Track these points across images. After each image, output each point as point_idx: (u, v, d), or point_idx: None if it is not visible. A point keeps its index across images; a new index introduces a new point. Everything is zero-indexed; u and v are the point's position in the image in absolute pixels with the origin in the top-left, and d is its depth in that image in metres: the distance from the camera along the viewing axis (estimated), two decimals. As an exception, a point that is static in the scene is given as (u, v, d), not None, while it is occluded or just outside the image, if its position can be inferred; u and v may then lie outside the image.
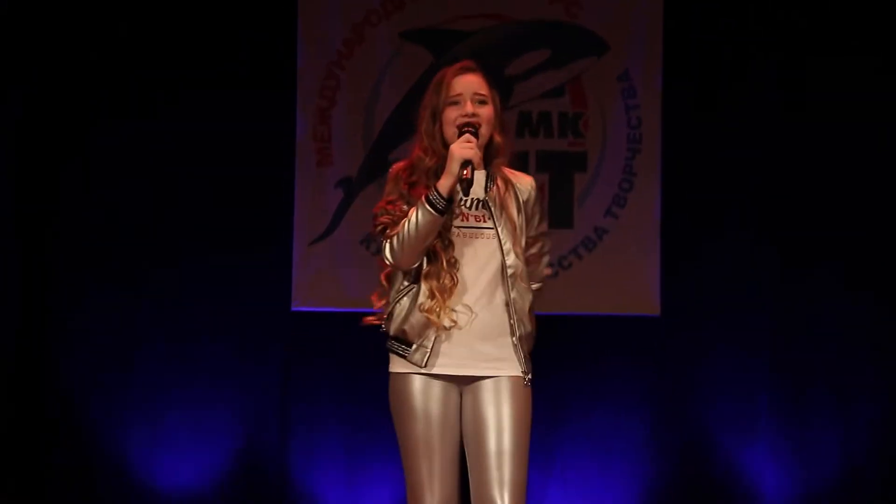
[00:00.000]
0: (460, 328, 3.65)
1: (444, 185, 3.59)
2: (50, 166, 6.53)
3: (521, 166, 3.93)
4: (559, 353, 6.11)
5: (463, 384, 3.69)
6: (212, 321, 6.50)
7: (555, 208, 6.33)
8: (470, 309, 3.66)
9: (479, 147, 3.67)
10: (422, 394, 3.67)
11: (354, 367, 6.46)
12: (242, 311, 6.51)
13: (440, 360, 3.66)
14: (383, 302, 3.78)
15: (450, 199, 3.59)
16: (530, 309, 3.73)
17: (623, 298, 6.47)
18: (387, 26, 6.57)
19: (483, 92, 3.75)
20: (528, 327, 3.72)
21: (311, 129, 6.56)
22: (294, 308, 6.52)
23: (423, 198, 3.61)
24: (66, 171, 6.55)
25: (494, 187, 3.73)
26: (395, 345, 3.73)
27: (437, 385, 3.67)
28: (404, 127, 6.49)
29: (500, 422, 3.63)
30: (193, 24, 6.53)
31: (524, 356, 3.69)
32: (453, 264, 3.66)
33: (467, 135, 3.64)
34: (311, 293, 6.52)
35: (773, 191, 6.50)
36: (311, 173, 6.55)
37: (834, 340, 6.45)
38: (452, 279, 3.64)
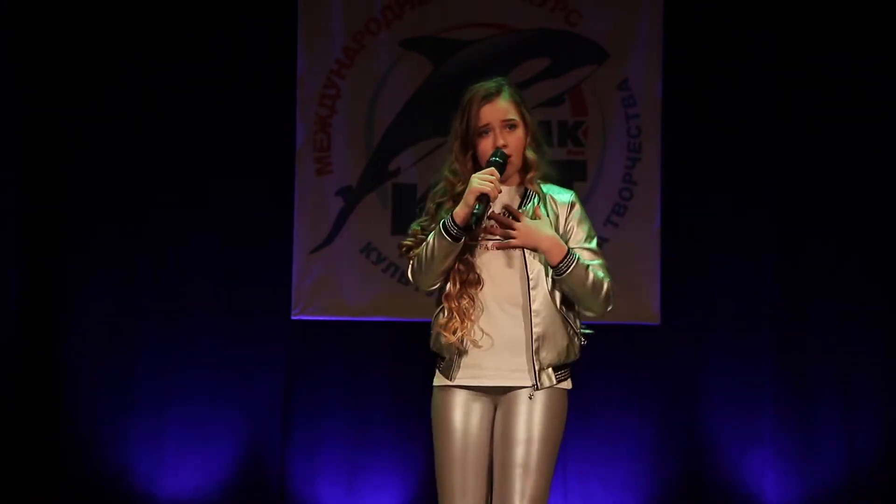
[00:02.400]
0: (480, 347, 3.68)
1: (459, 213, 3.61)
2: (53, 169, 6.54)
3: (562, 179, 3.92)
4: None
5: (498, 396, 3.71)
6: (213, 329, 6.51)
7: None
8: (490, 329, 3.67)
9: (509, 174, 3.71)
10: (458, 407, 3.70)
11: (355, 375, 6.47)
12: (243, 320, 6.51)
13: (468, 372, 3.69)
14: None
15: (465, 227, 3.61)
16: (567, 330, 3.74)
17: (623, 307, 6.41)
18: (387, 35, 6.57)
19: (511, 116, 3.73)
20: (560, 339, 3.72)
21: (311, 138, 6.56)
22: (294, 316, 6.53)
23: (440, 223, 3.64)
24: (68, 174, 6.56)
25: (528, 201, 3.74)
26: (437, 360, 3.77)
27: (474, 398, 3.70)
28: (405, 135, 6.53)
29: (530, 434, 3.64)
30: (193, 31, 6.53)
31: (540, 370, 3.69)
32: (475, 282, 3.69)
33: (492, 168, 3.64)
34: (312, 302, 6.53)
35: (774, 199, 6.50)
36: (311, 182, 6.56)
37: (836, 348, 6.45)
38: (470, 299, 3.67)
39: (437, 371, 3.77)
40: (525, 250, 3.69)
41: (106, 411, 6.49)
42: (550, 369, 3.71)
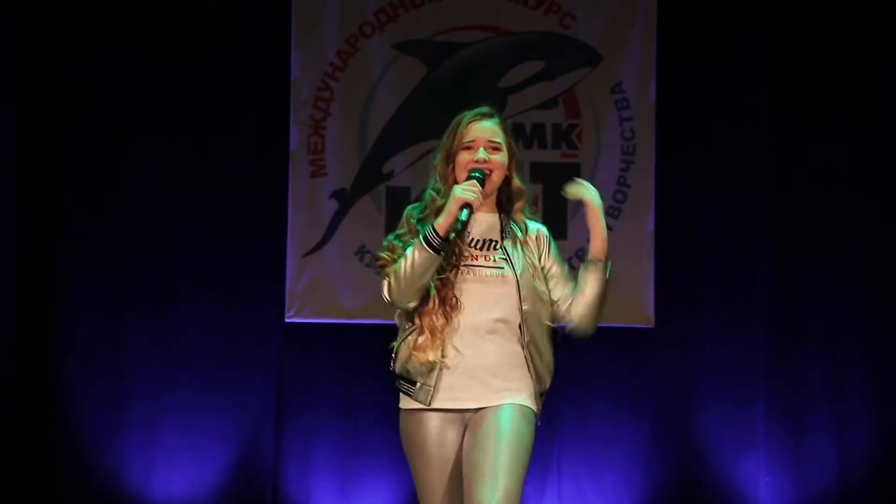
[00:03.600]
0: (448, 367, 3.65)
1: (441, 224, 3.61)
2: (46, 181, 6.54)
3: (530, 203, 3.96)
4: (553, 363, 6.10)
5: (466, 416, 3.69)
6: (206, 332, 6.50)
7: (548, 220, 6.31)
8: (465, 349, 3.65)
9: (487, 193, 3.72)
10: (431, 430, 3.68)
11: (348, 377, 6.46)
12: (236, 322, 6.51)
13: (446, 395, 3.66)
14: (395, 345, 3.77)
15: (446, 239, 3.60)
16: (549, 350, 3.76)
17: (617, 310, 6.43)
18: (381, 38, 6.57)
19: (497, 140, 3.78)
20: (545, 367, 3.74)
21: (305, 141, 6.56)
22: (288, 319, 6.52)
23: (420, 236, 3.62)
24: (62, 186, 6.55)
25: (510, 229, 3.76)
26: (402, 383, 3.73)
27: (446, 419, 3.68)
28: (399, 138, 6.53)
29: (499, 435, 3.60)
30: (187, 34, 6.52)
31: (534, 392, 3.70)
32: (453, 305, 3.67)
33: (473, 179, 3.67)
34: (305, 304, 6.52)
35: (767, 201, 6.51)
36: (305, 184, 6.55)
37: (829, 353, 6.46)
38: (446, 319, 3.65)
39: (402, 395, 3.72)
40: (518, 278, 3.68)
41: (98, 416, 6.47)
42: (538, 396, 3.74)
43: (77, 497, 6.42)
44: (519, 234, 3.78)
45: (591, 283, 3.74)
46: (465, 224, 3.60)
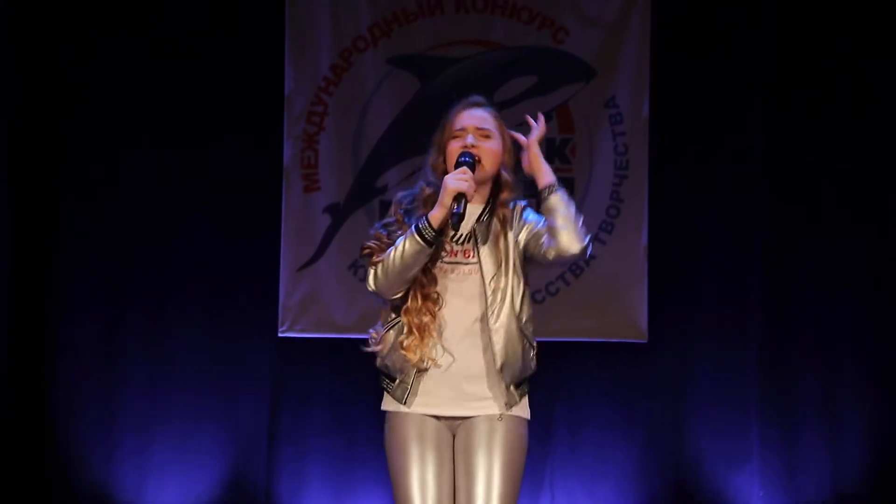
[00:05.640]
0: (439, 367, 3.61)
1: (435, 216, 3.53)
2: (40, 187, 6.53)
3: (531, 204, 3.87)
4: (546, 379, 6.07)
5: (455, 423, 3.65)
6: (199, 347, 6.49)
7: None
8: (451, 350, 3.61)
9: (478, 180, 3.62)
10: (413, 434, 3.62)
11: (342, 392, 6.46)
12: (230, 337, 6.50)
13: (424, 400, 3.63)
14: (377, 333, 3.72)
15: (439, 231, 3.53)
16: (524, 346, 3.66)
17: (610, 325, 6.47)
18: (374, 52, 6.58)
19: (487, 127, 3.70)
20: (519, 363, 3.65)
21: (299, 155, 6.56)
22: (281, 334, 6.51)
23: (412, 226, 3.55)
24: (56, 193, 6.55)
25: (489, 222, 3.67)
26: (382, 378, 3.70)
27: (429, 423, 3.63)
28: (392, 153, 6.53)
29: (490, 470, 3.57)
30: (180, 48, 6.52)
31: (508, 389, 3.64)
32: (435, 300, 3.60)
33: (463, 167, 3.58)
34: (299, 319, 6.51)
35: (763, 217, 6.51)
36: (299, 199, 6.55)
37: (822, 365, 6.47)
38: (432, 316, 3.59)
39: (385, 394, 3.68)
40: (483, 270, 3.61)
41: (91, 429, 6.46)
42: (512, 387, 3.65)
43: (69, 510, 6.43)
44: (498, 226, 3.68)
45: (552, 210, 3.59)
46: (461, 216, 3.51)
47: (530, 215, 3.73)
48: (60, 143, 6.53)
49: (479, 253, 3.64)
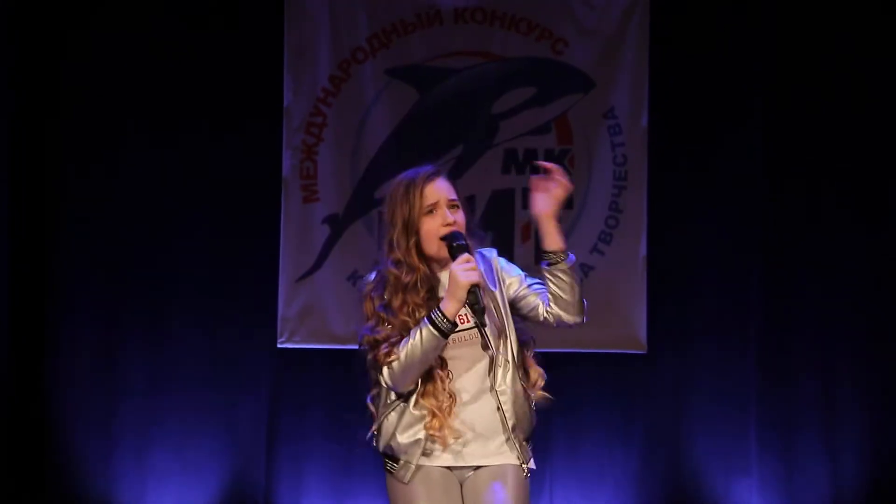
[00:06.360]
0: (459, 438, 3.58)
1: (450, 309, 3.45)
2: (39, 196, 6.54)
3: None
4: (545, 389, 6.09)
5: (463, 474, 3.63)
6: (198, 357, 6.49)
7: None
8: (465, 419, 3.58)
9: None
10: (420, 483, 3.59)
11: (340, 403, 6.44)
12: (228, 348, 6.50)
13: (434, 453, 3.59)
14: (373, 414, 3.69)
15: (455, 324, 3.47)
16: (529, 403, 3.65)
17: (609, 335, 6.47)
18: (373, 63, 6.58)
19: (453, 197, 3.62)
20: (525, 416, 3.64)
21: (298, 166, 6.57)
22: (280, 344, 6.51)
23: (426, 321, 3.47)
24: (55, 203, 6.55)
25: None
26: (385, 460, 3.66)
27: (436, 472, 3.60)
28: (391, 163, 6.53)
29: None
30: (181, 54, 6.53)
31: (521, 446, 3.63)
32: (447, 377, 3.56)
33: (466, 255, 3.49)
34: (297, 330, 6.51)
35: (761, 227, 6.52)
36: (298, 210, 6.55)
37: (820, 375, 6.46)
38: (451, 397, 3.55)
39: (388, 475, 3.63)
40: (485, 332, 3.55)
41: (90, 438, 6.46)
42: (525, 442, 3.66)
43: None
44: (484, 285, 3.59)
45: (560, 278, 3.57)
46: (484, 309, 3.46)
47: (511, 270, 3.69)
48: (60, 144, 6.53)
49: (476, 317, 3.54)
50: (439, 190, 3.61)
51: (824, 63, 6.50)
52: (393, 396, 3.61)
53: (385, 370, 3.53)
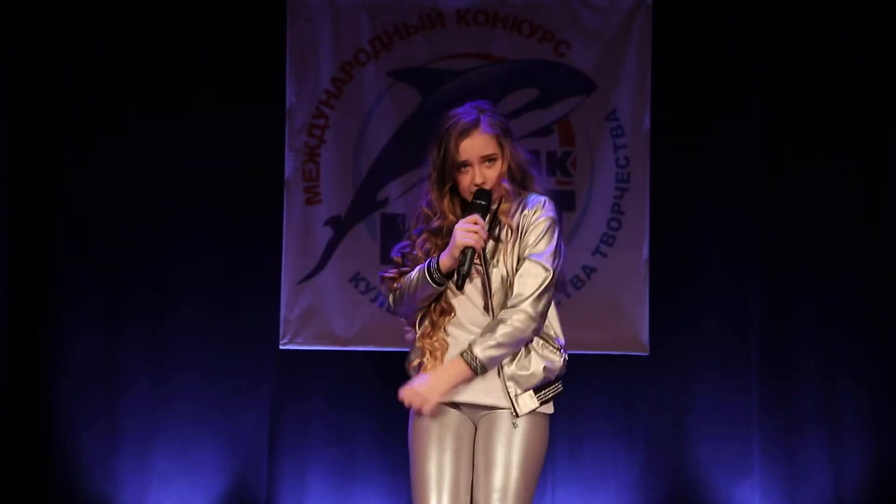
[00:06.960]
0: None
1: (444, 262, 3.58)
2: (40, 200, 6.54)
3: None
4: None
5: (478, 415, 3.68)
6: (200, 358, 6.50)
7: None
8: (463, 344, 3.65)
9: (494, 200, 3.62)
10: (435, 423, 3.67)
11: (342, 405, 6.45)
12: (231, 350, 6.50)
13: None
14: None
15: (447, 274, 3.58)
16: (534, 346, 3.67)
17: (611, 337, 6.47)
18: (375, 65, 6.59)
19: (489, 151, 3.63)
20: (531, 354, 3.66)
21: (300, 168, 6.57)
22: (282, 346, 6.51)
23: (424, 265, 3.61)
24: (56, 207, 6.55)
25: (498, 235, 3.65)
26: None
27: (452, 415, 3.68)
28: (393, 165, 6.54)
29: (509, 460, 3.61)
30: (181, 61, 6.53)
31: (521, 393, 3.65)
32: (447, 313, 3.66)
33: (475, 216, 3.55)
34: (300, 331, 6.52)
35: (761, 230, 6.52)
36: (300, 212, 6.56)
37: (823, 378, 6.47)
38: (442, 343, 3.66)
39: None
40: (487, 271, 3.62)
41: (91, 442, 6.46)
42: (531, 392, 3.67)
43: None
44: (502, 234, 3.66)
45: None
46: (466, 276, 3.55)
47: (533, 232, 3.65)
48: (60, 143, 6.53)
49: (484, 263, 3.64)
50: (472, 148, 3.63)
51: (824, 63, 6.50)
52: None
53: (390, 296, 3.73)
